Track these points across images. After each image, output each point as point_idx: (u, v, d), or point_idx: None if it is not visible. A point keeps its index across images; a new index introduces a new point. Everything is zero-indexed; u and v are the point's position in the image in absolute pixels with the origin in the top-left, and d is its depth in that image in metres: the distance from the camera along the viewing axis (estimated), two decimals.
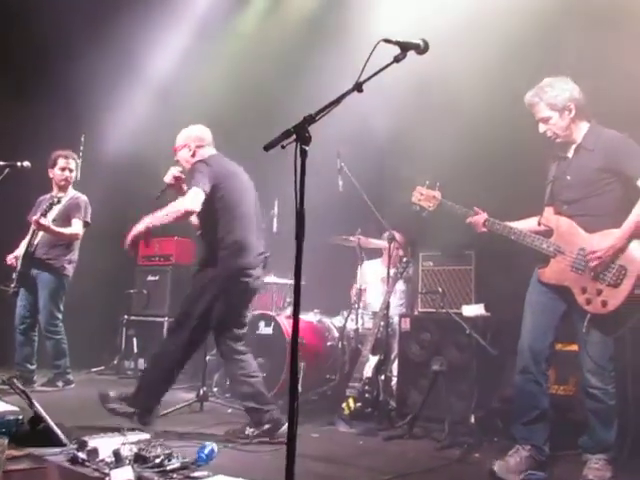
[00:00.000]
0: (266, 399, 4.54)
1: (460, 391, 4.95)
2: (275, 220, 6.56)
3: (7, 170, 5.67)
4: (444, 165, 5.27)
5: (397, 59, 2.89)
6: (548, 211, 3.93)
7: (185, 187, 4.65)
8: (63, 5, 7.06)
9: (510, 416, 4.02)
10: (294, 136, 2.49)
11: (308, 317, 6.36)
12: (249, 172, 7.21)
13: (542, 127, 3.88)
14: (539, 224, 3.97)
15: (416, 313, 5.68)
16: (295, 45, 7.46)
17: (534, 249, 3.84)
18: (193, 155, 4.76)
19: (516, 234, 3.91)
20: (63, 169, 6.38)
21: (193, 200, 4.32)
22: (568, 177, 3.86)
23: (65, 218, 6.28)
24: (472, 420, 4.70)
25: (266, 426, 4.39)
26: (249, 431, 4.41)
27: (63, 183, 6.39)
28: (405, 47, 2.89)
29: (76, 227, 6.29)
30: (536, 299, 3.90)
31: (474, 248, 5.38)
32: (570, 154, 3.90)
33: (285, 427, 4.13)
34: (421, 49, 2.94)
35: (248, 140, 6.83)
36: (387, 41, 2.83)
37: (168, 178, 4.76)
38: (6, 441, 2.40)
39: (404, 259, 5.56)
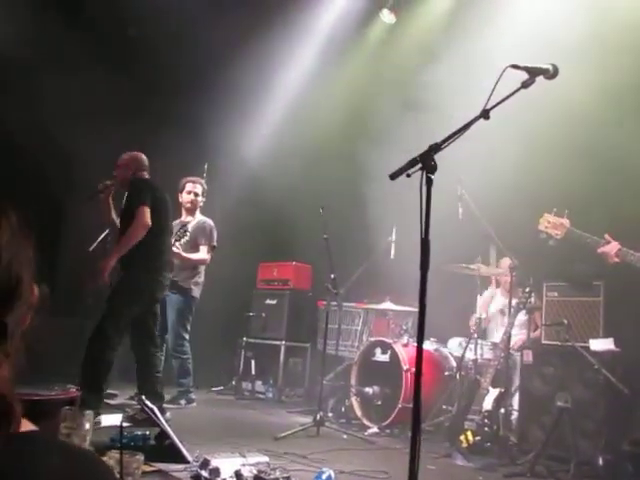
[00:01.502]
0: None
1: (586, 430, 4.72)
2: (393, 247, 6.54)
3: None
4: (572, 193, 5.09)
5: (525, 85, 2.83)
6: None
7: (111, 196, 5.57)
8: (192, 41, 7.42)
9: None
10: (420, 164, 2.48)
11: (425, 346, 6.23)
12: (367, 199, 7.31)
13: None
14: None
15: (539, 345, 5.48)
16: (415, 69, 7.47)
17: None
18: (133, 174, 5.56)
19: None
20: (189, 192, 6.67)
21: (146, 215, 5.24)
22: None
23: (193, 243, 6.53)
24: (600, 462, 4.46)
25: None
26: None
27: (189, 206, 6.66)
28: (534, 72, 2.83)
29: (203, 253, 6.54)
30: None
31: (603, 279, 5.13)
32: None
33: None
34: (550, 74, 2.87)
35: (367, 166, 6.93)
36: (515, 67, 2.78)
37: (101, 186, 5.50)
38: (142, 457, 2.49)
39: (526, 289, 5.38)
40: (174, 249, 6.30)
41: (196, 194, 6.67)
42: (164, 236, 5.53)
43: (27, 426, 1.02)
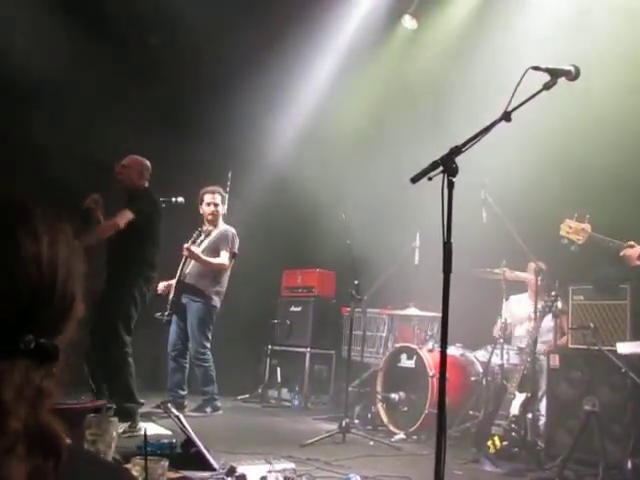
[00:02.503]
0: None
1: (614, 434, 4.65)
2: (417, 252, 6.52)
3: (163, 205, 5.99)
4: (594, 196, 5.05)
5: (547, 86, 2.82)
6: None
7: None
8: (215, 49, 7.48)
9: None
10: (441, 168, 2.48)
11: (451, 351, 6.22)
12: (390, 205, 7.32)
13: None
14: None
15: (566, 349, 5.43)
16: (437, 74, 7.48)
17: None
18: (141, 181, 5.59)
19: None
20: (208, 204, 6.67)
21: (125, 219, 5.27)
22: None
23: (214, 250, 6.56)
24: (629, 466, 4.39)
25: None
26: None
27: (210, 218, 6.67)
28: (555, 74, 2.81)
29: (223, 258, 6.54)
30: None
31: (629, 281, 5.07)
32: None
33: None
34: (572, 75, 2.86)
35: (390, 170, 6.93)
36: (536, 68, 2.78)
37: (91, 202, 5.44)
38: (167, 463, 2.51)
39: (552, 293, 5.34)
40: (193, 249, 6.35)
41: (216, 204, 6.66)
42: (157, 250, 5.59)
43: None
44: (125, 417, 4.92)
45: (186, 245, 6.40)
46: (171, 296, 6.41)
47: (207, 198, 6.68)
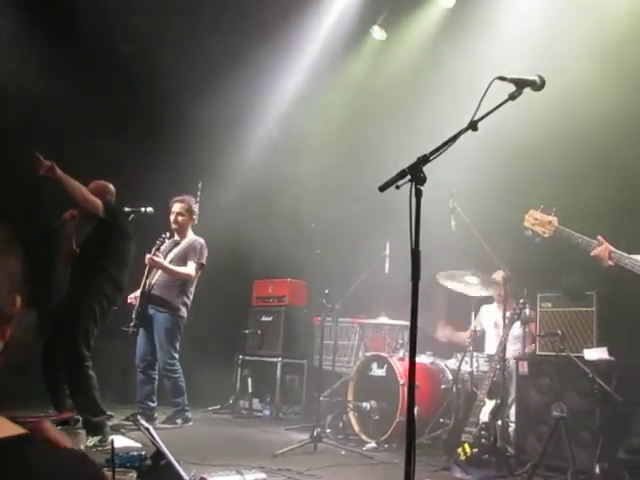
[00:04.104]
0: None
1: (583, 439, 4.71)
2: (387, 261, 6.54)
3: (132, 215, 5.94)
4: (563, 198, 5.10)
5: (512, 96, 2.85)
6: None
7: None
8: (185, 59, 7.47)
9: (639, 468, 3.77)
10: (409, 176, 2.50)
11: (421, 359, 6.26)
12: (360, 214, 7.34)
13: None
14: None
15: (534, 356, 5.49)
16: (403, 87, 7.53)
17: None
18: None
19: None
20: (172, 213, 6.61)
21: None
22: None
23: (182, 260, 6.50)
24: (597, 471, 4.44)
25: None
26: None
27: (175, 226, 6.61)
28: (521, 84, 2.85)
29: (190, 268, 6.47)
30: None
31: (595, 289, 5.15)
32: None
33: None
34: (537, 85, 2.89)
35: (359, 181, 6.96)
36: (502, 79, 2.81)
37: (68, 215, 5.53)
38: (135, 475, 2.48)
39: (520, 300, 5.39)
40: (155, 258, 6.32)
41: (178, 214, 6.60)
42: (126, 272, 5.65)
43: (16, 430, 1.01)
44: (94, 431, 4.87)
45: (149, 255, 6.35)
46: (136, 307, 6.34)
47: (173, 207, 6.63)
